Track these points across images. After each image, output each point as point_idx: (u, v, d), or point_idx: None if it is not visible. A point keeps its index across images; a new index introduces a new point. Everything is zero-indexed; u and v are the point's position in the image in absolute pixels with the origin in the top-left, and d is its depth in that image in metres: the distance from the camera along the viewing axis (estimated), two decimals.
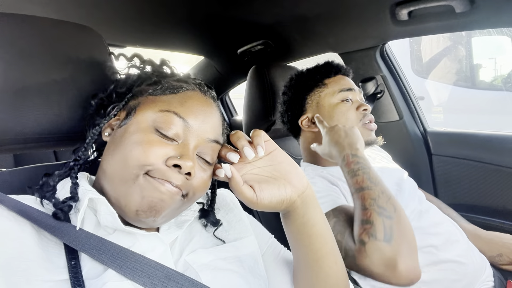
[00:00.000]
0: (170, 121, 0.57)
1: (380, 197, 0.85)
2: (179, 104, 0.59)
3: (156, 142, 0.56)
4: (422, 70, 3.73)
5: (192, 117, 0.59)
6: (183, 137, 0.58)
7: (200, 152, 0.60)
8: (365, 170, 0.91)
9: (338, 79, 1.21)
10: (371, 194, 0.86)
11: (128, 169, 0.54)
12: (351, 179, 0.92)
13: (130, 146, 0.56)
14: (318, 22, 1.47)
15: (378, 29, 1.44)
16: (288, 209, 0.61)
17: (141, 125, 0.58)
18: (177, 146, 0.57)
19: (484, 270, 1.08)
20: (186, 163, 0.54)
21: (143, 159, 0.54)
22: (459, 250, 1.05)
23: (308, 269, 0.64)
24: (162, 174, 0.55)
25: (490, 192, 1.52)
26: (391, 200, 0.86)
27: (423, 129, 1.71)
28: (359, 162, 0.93)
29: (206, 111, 0.61)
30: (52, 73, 0.68)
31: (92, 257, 0.52)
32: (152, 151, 0.55)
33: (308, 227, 0.62)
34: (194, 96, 0.62)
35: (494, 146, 1.52)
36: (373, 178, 0.90)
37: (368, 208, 0.84)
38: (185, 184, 0.57)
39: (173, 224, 0.64)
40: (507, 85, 3.38)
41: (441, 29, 1.40)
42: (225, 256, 0.64)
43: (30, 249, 0.50)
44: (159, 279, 0.52)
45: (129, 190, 0.55)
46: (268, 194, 0.58)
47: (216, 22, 1.54)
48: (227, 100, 2.48)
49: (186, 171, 0.55)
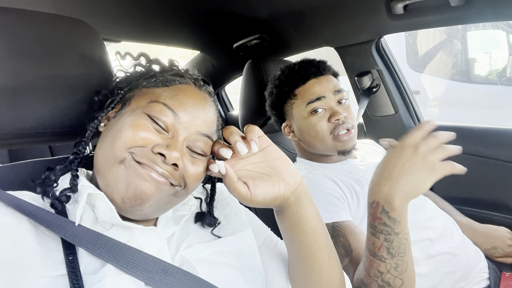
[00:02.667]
0: (159, 111, 0.58)
1: (389, 272, 0.73)
2: (169, 97, 0.60)
3: (146, 127, 0.57)
4: (418, 64, 3.74)
5: (182, 110, 0.59)
6: (172, 129, 0.59)
7: (191, 145, 0.60)
8: (389, 237, 0.72)
9: (308, 87, 1.13)
10: (380, 266, 0.74)
11: (115, 151, 0.55)
12: (369, 233, 0.76)
13: (121, 128, 0.57)
14: (314, 16, 1.47)
15: (374, 23, 1.44)
16: (282, 205, 0.61)
17: (133, 112, 0.59)
18: (166, 137, 0.58)
19: (479, 262, 1.09)
20: (172, 153, 0.55)
21: (131, 140, 0.55)
22: (453, 243, 1.06)
23: (301, 263, 0.65)
24: (146, 158, 0.55)
25: (485, 185, 1.53)
26: (403, 275, 0.73)
27: (419, 123, 1.71)
28: (386, 224, 0.72)
29: (197, 104, 0.62)
30: (47, 68, 0.68)
31: (89, 251, 0.52)
32: (140, 134, 0.56)
33: (302, 223, 0.62)
34: (187, 89, 0.63)
35: (488, 139, 1.53)
36: (395, 248, 0.73)
37: (371, 277, 0.75)
38: (174, 175, 0.57)
39: (171, 220, 0.64)
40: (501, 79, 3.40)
41: (437, 22, 1.40)
42: (221, 250, 0.64)
43: (28, 244, 0.50)
44: (156, 273, 0.53)
45: (115, 176, 0.55)
46: (262, 191, 0.57)
47: (211, 16, 1.54)
48: (223, 95, 2.47)
49: (171, 161, 0.55)
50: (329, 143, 1.12)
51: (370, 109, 1.72)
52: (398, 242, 0.73)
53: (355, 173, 1.14)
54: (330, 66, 1.19)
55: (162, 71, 0.67)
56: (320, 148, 1.16)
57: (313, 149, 1.19)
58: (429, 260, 1.02)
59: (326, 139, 1.12)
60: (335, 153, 1.14)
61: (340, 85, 1.17)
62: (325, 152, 1.17)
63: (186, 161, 0.58)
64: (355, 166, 1.17)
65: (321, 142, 1.13)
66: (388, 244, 0.73)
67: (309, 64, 1.16)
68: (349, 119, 1.12)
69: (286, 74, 1.18)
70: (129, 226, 0.56)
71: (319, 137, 1.12)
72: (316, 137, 1.13)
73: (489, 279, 1.07)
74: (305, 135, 1.16)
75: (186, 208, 0.67)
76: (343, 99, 1.15)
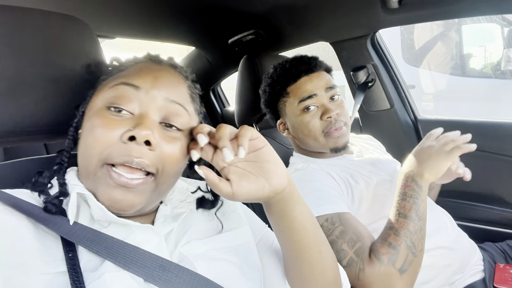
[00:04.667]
0: (119, 93, 0.55)
1: (416, 233, 0.87)
2: (127, 76, 0.58)
3: (109, 122, 0.53)
4: (413, 59, 3.74)
5: (141, 80, 0.56)
6: (138, 106, 0.55)
7: (165, 118, 0.57)
8: (416, 200, 0.91)
9: (300, 84, 1.13)
10: (410, 226, 0.87)
11: (90, 161, 0.54)
12: (399, 200, 0.93)
13: (88, 134, 0.55)
14: (309, 11, 1.46)
15: (369, 17, 1.44)
16: (266, 202, 0.61)
17: (93, 109, 0.57)
18: (133, 118, 0.55)
19: (474, 255, 1.10)
20: (140, 132, 0.51)
21: (99, 145, 0.53)
22: (449, 237, 1.07)
23: (293, 258, 0.65)
24: (121, 153, 0.52)
25: (480, 178, 1.54)
26: (423, 240, 0.88)
27: (414, 117, 1.72)
28: (415, 190, 0.93)
29: (157, 72, 0.59)
30: (41, 65, 0.67)
31: (87, 248, 0.52)
32: (104, 135, 0.53)
33: (288, 219, 0.61)
34: (144, 65, 0.61)
35: (483, 133, 1.54)
36: (421, 211, 0.90)
37: (401, 237, 0.86)
38: (150, 158, 0.53)
39: (169, 217, 0.64)
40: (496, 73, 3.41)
41: (432, 16, 1.40)
42: (219, 247, 0.64)
43: (28, 242, 0.50)
44: (154, 269, 0.53)
45: (96, 185, 0.54)
46: (245, 190, 0.55)
47: (206, 11, 1.53)
48: (218, 91, 2.46)
49: (142, 140, 0.52)
50: (321, 140, 1.13)
51: (366, 104, 1.73)
52: (423, 206, 0.91)
53: (351, 168, 1.14)
54: (322, 62, 1.19)
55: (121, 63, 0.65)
56: (313, 145, 1.16)
57: (306, 146, 1.20)
58: (425, 254, 1.02)
59: (319, 137, 1.12)
60: (328, 150, 1.15)
61: (332, 81, 1.17)
62: (319, 149, 1.18)
63: (159, 139, 0.55)
64: (351, 161, 1.18)
65: (314, 140, 1.14)
66: (416, 207, 0.90)
67: (300, 62, 1.15)
68: (341, 116, 1.12)
69: (278, 72, 1.17)
70: (125, 223, 0.56)
71: (312, 135, 1.13)
72: (309, 135, 1.13)
73: (484, 271, 1.08)
74: (298, 132, 1.17)
75: (184, 206, 0.67)
76: (336, 95, 1.14)
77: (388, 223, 0.91)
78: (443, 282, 1.03)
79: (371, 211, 1.05)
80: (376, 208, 1.06)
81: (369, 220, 1.02)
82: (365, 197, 1.07)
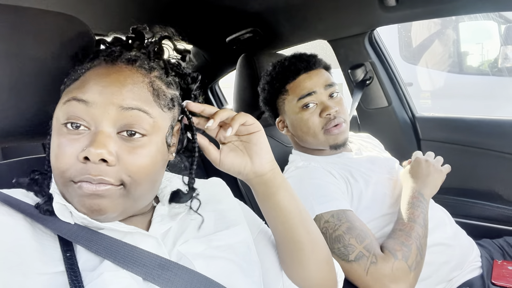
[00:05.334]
0: (72, 110, 0.51)
1: (423, 238, 0.93)
2: (77, 88, 0.53)
3: (65, 142, 0.51)
4: (411, 56, 3.75)
5: (90, 93, 0.51)
6: (93, 123, 0.51)
7: (124, 127, 0.53)
8: (423, 210, 0.98)
9: (299, 82, 1.13)
10: (419, 231, 0.93)
11: (57, 178, 0.53)
12: (408, 208, 0.98)
13: (51, 152, 0.54)
14: (307, 9, 1.46)
15: (366, 15, 1.44)
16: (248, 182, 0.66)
17: (54, 127, 0.54)
18: (89, 134, 0.51)
19: (472, 251, 1.11)
20: (93, 151, 0.48)
21: (60, 165, 0.51)
22: (447, 234, 1.08)
23: (283, 240, 0.68)
24: (79, 173, 0.50)
25: (478, 175, 1.55)
26: (425, 247, 0.93)
27: (412, 115, 1.73)
28: (422, 202, 1.00)
29: (109, 81, 0.53)
30: (38, 64, 0.67)
31: (86, 248, 0.52)
32: (63, 155, 0.50)
33: (271, 202, 0.66)
34: (95, 72, 0.55)
35: (481, 130, 1.54)
36: (426, 221, 0.97)
37: (412, 238, 0.90)
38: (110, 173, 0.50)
39: (166, 216, 0.64)
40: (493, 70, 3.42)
41: (429, 14, 1.40)
42: (217, 245, 0.64)
43: (26, 242, 0.50)
44: (153, 268, 0.53)
45: (71, 197, 0.53)
46: (229, 160, 0.63)
47: (204, 10, 1.53)
48: (216, 89, 2.46)
49: (96, 158, 0.49)
50: (321, 138, 1.13)
51: (364, 102, 1.73)
52: (427, 218, 0.98)
53: (350, 166, 1.14)
54: (321, 60, 1.19)
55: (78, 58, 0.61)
56: (312, 142, 1.16)
57: (306, 143, 1.20)
58: None
59: (318, 134, 1.12)
60: (327, 147, 1.15)
61: (331, 78, 1.17)
62: (318, 147, 1.18)
63: (120, 151, 0.51)
64: (350, 159, 1.18)
65: (313, 137, 1.14)
66: (423, 216, 0.96)
67: (299, 59, 1.15)
68: (340, 113, 1.12)
69: (277, 70, 1.17)
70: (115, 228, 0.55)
71: (311, 132, 1.13)
72: (308, 132, 1.14)
73: (482, 268, 1.09)
74: (297, 130, 1.17)
75: (182, 206, 0.67)
76: (335, 93, 1.14)
77: (398, 226, 0.96)
78: (441, 279, 1.03)
79: (369, 209, 1.06)
80: (375, 206, 1.06)
81: (368, 218, 1.03)
82: (364, 195, 1.07)
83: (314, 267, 0.68)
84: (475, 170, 1.55)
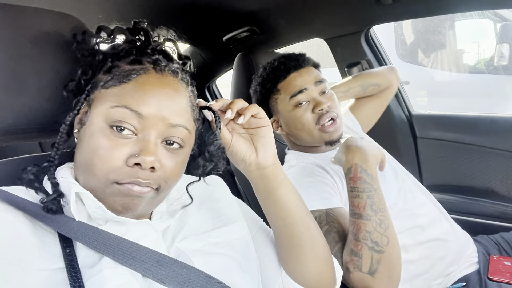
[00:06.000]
0: (123, 116, 0.54)
1: (376, 230, 0.85)
2: (130, 95, 0.55)
3: (112, 145, 0.53)
4: (407, 55, 3.76)
5: (145, 107, 0.54)
6: (141, 130, 0.55)
7: (167, 138, 0.57)
8: (370, 193, 0.88)
9: (290, 80, 1.14)
10: (367, 226, 0.85)
11: (96, 179, 0.54)
12: (352, 198, 0.90)
13: (91, 153, 0.54)
14: (303, 8, 1.46)
15: (363, 13, 1.44)
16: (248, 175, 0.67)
17: (95, 127, 0.55)
18: (136, 141, 0.54)
19: (468, 246, 1.12)
20: (146, 158, 0.52)
21: (105, 167, 0.53)
22: (443, 229, 1.09)
23: (282, 236, 0.69)
24: (128, 176, 0.53)
25: (474, 172, 1.56)
26: (387, 231, 0.86)
27: (408, 113, 1.74)
28: (366, 182, 0.89)
29: (162, 95, 0.56)
30: (34, 63, 0.67)
31: (85, 244, 0.52)
32: (109, 157, 0.53)
33: (272, 197, 0.67)
34: (147, 80, 0.57)
35: (477, 127, 1.55)
36: (376, 203, 0.87)
37: (361, 241, 0.84)
38: (154, 178, 0.55)
39: (165, 213, 0.65)
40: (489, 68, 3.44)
41: (425, 12, 1.41)
42: (215, 242, 0.65)
43: (26, 238, 0.50)
44: (152, 264, 0.53)
45: (102, 196, 0.55)
46: (238, 146, 0.65)
47: (200, 9, 1.52)
48: (214, 89, 2.46)
49: (148, 166, 0.53)
50: (316, 134, 1.13)
51: None
52: (378, 197, 0.88)
53: None
54: (309, 58, 1.20)
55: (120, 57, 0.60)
56: (307, 139, 1.17)
57: (301, 141, 1.20)
58: (420, 247, 1.04)
59: (313, 131, 1.13)
60: (322, 143, 1.16)
61: (321, 75, 1.18)
62: (313, 144, 1.19)
63: (162, 159, 0.56)
64: None
65: (308, 133, 1.14)
66: (370, 201, 0.87)
67: (288, 58, 1.17)
68: (333, 108, 1.13)
69: (267, 71, 1.19)
70: (123, 220, 0.56)
71: (306, 129, 1.13)
72: (303, 129, 1.14)
73: (479, 263, 1.10)
74: (292, 128, 1.17)
75: (180, 203, 0.68)
76: (326, 90, 1.16)
77: (350, 226, 0.89)
78: (438, 274, 1.04)
79: None
80: None
81: None
82: None
83: (312, 264, 0.69)
84: (472, 167, 1.56)
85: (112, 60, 0.59)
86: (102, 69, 0.60)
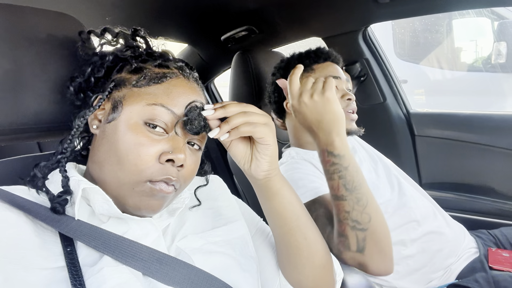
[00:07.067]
0: (158, 114, 0.57)
1: (354, 209, 0.83)
2: (165, 95, 0.59)
3: (148, 141, 0.56)
4: (405, 54, 3.76)
5: (178, 107, 0.59)
6: (172, 129, 0.58)
7: (191, 139, 0.61)
8: (341, 173, 0.85)
9: (327, 65, 1.19)
10: (345, 206, 0.84)
11: (128, 175, 0.55)
12: (327, 180, 0.89)
13: (124, 148, 0.55)
14: (301, 7, 1.47)
15: (360, 12, 1.45)
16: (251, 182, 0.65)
17: (130, 122, 0.57)
18: (168, 139, 0.57)
19: (464, 237, 1.14)
20: (179, 156, 0.56)
21: (141, 163, 0.55)
22: (437, 222, 1.11)
23: (281, 242, 0.68)
24: (161, 174, 0.56)
25: (472, 170, 1.57)
26: (367, 208, 0.83)
27: (406, 111, 1.74)
28: (334, 163, 0.86)
29: (191, 99, 0.61)
30: (33, 63, 0.67)
31: (85, 243, 0.52)
32: (145, 154, 0.55)
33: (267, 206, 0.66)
34: (178, 83, 0.62)
35: (475, 125, 1.56)
36: (349, 182, 0.84)
37: (343, 221, 0.84)
38: (179, 176, 0.58)
39: (165, 212, 0.65)
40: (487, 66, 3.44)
41: (423, 10, 1.41)
42: (215, 241, 0.65)
43: (27, 237, 0.51)
44: (152, 262, 0.54)
45: (128, 194, 0.56)
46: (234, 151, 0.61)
47: (199, 8, 1.52)
48: (212, 88, 2.46)
49: (180, 163, 0.56)
50: None
51: (358, 98, 1.74)
52: (350, 175, 0.84)
53: None
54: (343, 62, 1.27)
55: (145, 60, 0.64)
56: None
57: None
58: (417, 241, 1.05)
59: None
60: None
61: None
62: None
63: (188, 157, 0.59)
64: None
65: None
66: (343, 181, 0.84)
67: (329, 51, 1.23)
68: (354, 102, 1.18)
69: (307, 51, 1.22)
70: (126, 218, 0.57)
71: None
72: None
73: (479, 252, 1.11)
74: None
75: (180, 201, 0.68)
76: (351, 88, 1.21)
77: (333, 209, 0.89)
78: (437, 267, 1.05)
79: None
80: None
81: None
82: None
83: (309, 272, 0.68)
84: (469, 164, 1.57)
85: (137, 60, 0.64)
86: (126, 69, 0.63)
